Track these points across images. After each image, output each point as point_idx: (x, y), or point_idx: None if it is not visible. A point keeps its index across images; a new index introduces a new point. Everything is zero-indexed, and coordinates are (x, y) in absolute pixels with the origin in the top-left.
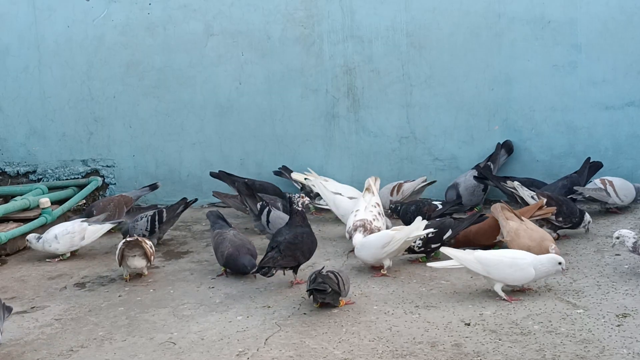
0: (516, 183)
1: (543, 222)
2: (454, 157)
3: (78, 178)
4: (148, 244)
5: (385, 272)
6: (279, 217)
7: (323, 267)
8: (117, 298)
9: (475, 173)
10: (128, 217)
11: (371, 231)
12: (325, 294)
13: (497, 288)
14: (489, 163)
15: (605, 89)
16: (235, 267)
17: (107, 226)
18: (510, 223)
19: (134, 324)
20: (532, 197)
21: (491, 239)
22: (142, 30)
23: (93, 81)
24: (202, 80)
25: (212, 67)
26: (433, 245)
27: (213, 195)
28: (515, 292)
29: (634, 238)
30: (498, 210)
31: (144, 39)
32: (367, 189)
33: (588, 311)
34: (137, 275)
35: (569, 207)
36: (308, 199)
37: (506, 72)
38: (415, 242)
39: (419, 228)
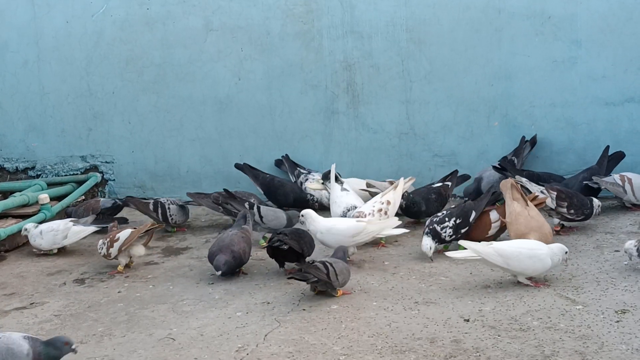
0: (524, 179)
1: (552, 214)
2: (454, 153)
3: (77, 174)
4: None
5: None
6: (269, 209)
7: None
8: (116, 294)
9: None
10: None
11: None
12: (308, 282)
13: (522, 279)
14: (512, 157)
15: (605, 85)
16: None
17: (92, 229)
18: (514, 205)
19: (133, 319)
20: (542, 191)
21: (483, 234)
22: (141, 25)
23: (92, 77)
24: (201, 75)
25: (212, 63)
26: (462, 231)
27: (187, 195)
28: (516, 286)
29: (635, 246)
30: (507, 187)
31: (143, 35)
32: (395, 185)
33: (587, 307)
34: (134, 271)
35: (580, 199)
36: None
37: (506, 67)
38: (445, 231)
39: (392, 226)
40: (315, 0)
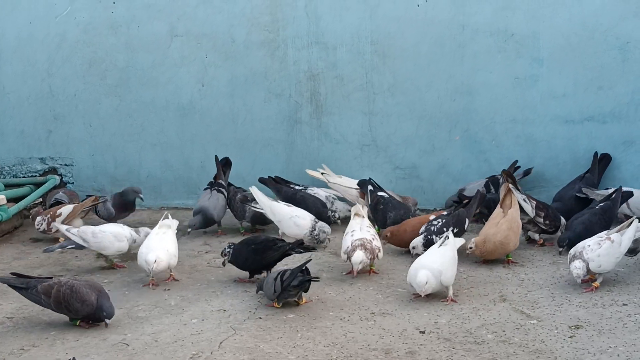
0: (511, 186)
1: (529, 227)
2: (415, 166)
3: (36, 176)
4: None
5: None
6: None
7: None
8: None
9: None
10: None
11: (372, 250)
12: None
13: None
14: (498, 176)
15: (566, 103)
16: None
17: None
18: (497, 209)
19: None
20: (524, 199)
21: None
22: (105, 28)
23: (54, 78)
24: (164, 81)
25: (175, 68)
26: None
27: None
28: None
29: (583, 269)
30: (502, 191)
31: (107, 38)
32: (356, 214)
33: (542, 322)
34: (90, 275)
35: (553, 211)
36: None
37: (468, 83)
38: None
39: None
40: (281, 9)
